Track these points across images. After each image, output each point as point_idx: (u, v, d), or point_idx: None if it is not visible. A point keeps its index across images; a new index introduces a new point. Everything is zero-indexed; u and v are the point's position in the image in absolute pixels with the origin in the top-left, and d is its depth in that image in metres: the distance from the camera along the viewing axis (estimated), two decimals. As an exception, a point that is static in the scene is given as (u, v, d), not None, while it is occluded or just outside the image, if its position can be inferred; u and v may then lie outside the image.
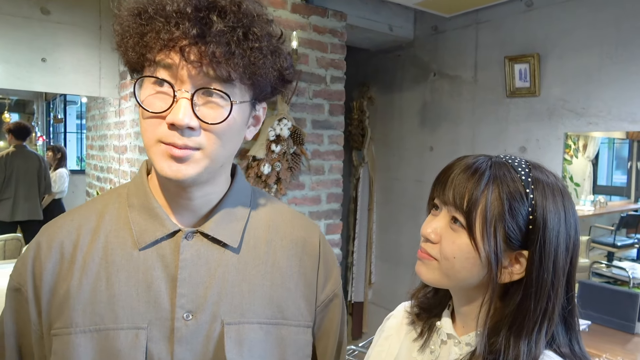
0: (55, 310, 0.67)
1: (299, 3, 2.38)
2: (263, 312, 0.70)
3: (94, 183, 4.00)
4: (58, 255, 0.69)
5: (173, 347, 0.65)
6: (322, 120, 2.52)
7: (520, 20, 2.49)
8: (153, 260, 0.68)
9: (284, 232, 0.77)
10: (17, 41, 2.82)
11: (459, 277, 0.68)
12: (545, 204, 0.65)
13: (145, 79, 0.63)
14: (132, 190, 0.72)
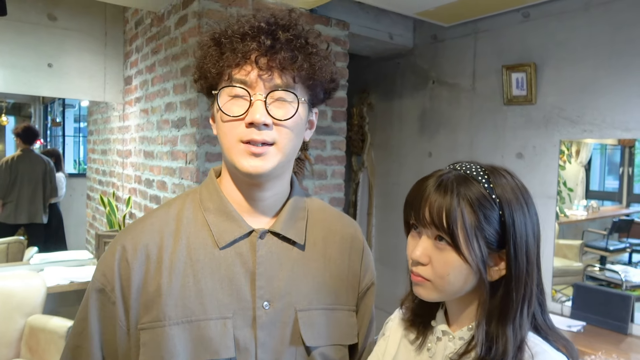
0: (143, 306, 0.74)
1: (303, 12, 2.44)
2: (325, 300, 0.82)
3: (95, 187, 4.03)
4: (144, 257, 0.76)
5: (256, 332, 0.75)
6: (325, 126, 2.58)
7: (518, 30, 2.57)
8: (233, 258, 0.78)
9: (335, 229, 0.88)
10: (24, 46, 2.86)
11: (455, 290, 0.73)
12: (510, 203, 0.71)
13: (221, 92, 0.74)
14: (206, 195, 0.82)
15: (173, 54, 2.39)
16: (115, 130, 3.39)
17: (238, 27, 0.74)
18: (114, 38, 3.16)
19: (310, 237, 0.84)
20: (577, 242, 5.29)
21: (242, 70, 0.73)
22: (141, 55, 2.86)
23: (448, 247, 0.71)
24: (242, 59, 0.72)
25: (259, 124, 0.71)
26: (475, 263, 0.70)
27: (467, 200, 0.70)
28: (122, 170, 3.23)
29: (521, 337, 0.70)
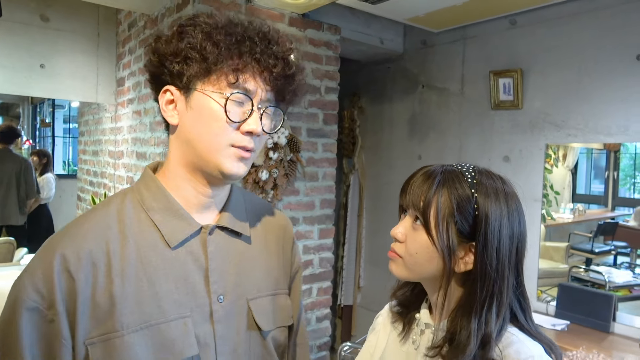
0: (93, 319, 0.70)
1: (296, 17, 2.48)
2: (269, 286, 0.87)
3: (86, 187, 4.02)
4: (89, 265, 0.71)
5: (214, 326, 0.77)
6: (316, 129, 2.62)
7: (505, 37, 2.64)
8: (185, 256, 0.78)
9: (271, 221, 0.94)
10: (16, 47, 2.87)
11: (422, 270, 0.79)
12: (487, 202, 0.76)
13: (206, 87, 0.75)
14: (147, 195, 0.79)
15: (167, 56, 2.41)
16: (107, 132, 3.40)
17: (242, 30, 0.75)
18: (107, 39, 3.17)
19: (252, 229, 0.88)
20: (564, 245, 5.40)
21: (248, 77, 0.74)
22: (134, 57, 2.88)
23: (421, 228, 0.77)
24: (249, 66, 0.74)
25: (258, 134, 0.75)
26: (442, 247, 0.75)
27: (446, 189, 0.77)
28: (113, 171, 3.24)
29: (486, 333, 0.74)
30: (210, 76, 0.74)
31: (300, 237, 2.58)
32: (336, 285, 3.55)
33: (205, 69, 0.73)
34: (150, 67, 0.79)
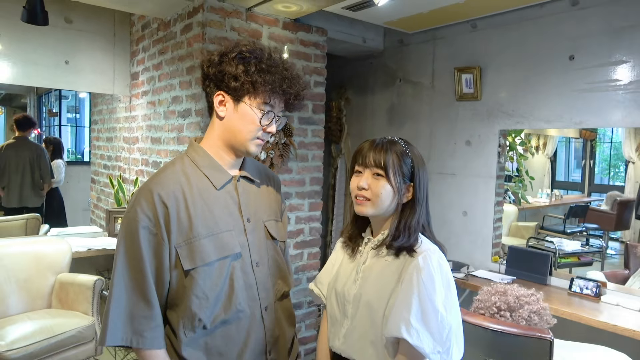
0: (179, 231, 1.16)
1: (288, 22, 2.92)
2: (272, 215, 1.35)
3: (100, 171, 4.45)
4: (173, 199, 1.17)
5: (247, 236, 1.24)
6: (306, 117, 3.06)
7: (467, 38, 3.09)
8: (225, 194, 1.24)
9: (269, 174, 1.41)
10: (45, 46, 3.28)
11: (384, 206, 1.23)
12: (416, 158, 1.24)
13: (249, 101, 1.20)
14: (197, 157, 1.24)
15: (179, 55, 2.85)
16: (122, 120, 3.82)
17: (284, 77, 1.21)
18: (122, 38, 3.59)
19: (259, 179, 1.34)
20: (533, 224, 5.92)
21: (276, 101, 1.23)
22: (148, 54, 3.30)
23: (382, 178, 1.21)
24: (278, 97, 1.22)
25: (274, 134, 1.26)
26: (397, 187, 1.21)
27: (395, 153, 1.21)
28: (128, 155, 3.68)
29: (416, 234, 1.21)
30: (256, 97, 1.19)
31: (293, 209, 3.03)
32: (325, 257, 4.02)
33: (254, 93, 1.19)
34: (209, 75, 1.22)
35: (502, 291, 1.80)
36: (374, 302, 1.21)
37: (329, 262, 1.41)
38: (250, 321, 1.24)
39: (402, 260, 1.20)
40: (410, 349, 1.13)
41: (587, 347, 1.90)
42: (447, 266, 1.21)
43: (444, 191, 3.26)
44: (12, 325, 2.42)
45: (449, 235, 3.22)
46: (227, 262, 1.20)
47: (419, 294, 1.14)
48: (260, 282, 1.26)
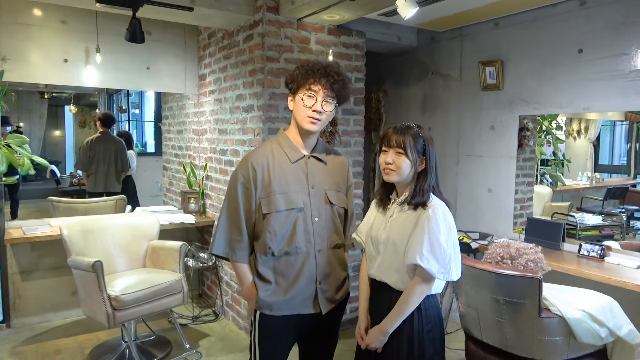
0: (262, 187, 1.74)
1: (332, 28, 3.43)
2: (335, 186, 1.85)
3: (171, 159, 5.15)
4: (260, 166, 1.74)
5: (310, 198, 1.78)
6: (349, 108, 3.58)
7: (490, 35, 3.49)
8: (297, 167, 1.79)
9: (337, 157, 1.92)
10: (131, 55, 3.95)
11: (405, 175, 1.73)
12: (427, 138, 1.72)
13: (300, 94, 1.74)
14: (281, 140, 1.82)
15: (242, 60, 3.43)
16: (191, 115, 4.48)
17: (320, 67, 1.72)
18: (191, 46, 4.23)
19: (327, 158, 1.87)
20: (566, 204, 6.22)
21: (317, 86, 1.72)
22: (214, 59, 3.91)
23: (403, 155, 1.70)
24: (317, 83, 1.71)
25: (320, 112, 1.74)
26: (413, 161, 1.71)
27: (411, 135, 1.71)
28: (198, 144, 4.33)
29: (428, 194, 1.71)
30: (302, 89, 1.74)
31: (338, 188, 3.57)
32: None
33: (301, 87, 1.74)
34: (287, 84, 1.80)
35: (506, 245, 2.27)
36: (398, 241, 1.73)
37: (365, 218, 1.94)
38: (305, 257, 1.79)
39: (418, 212, 1.71)
40: (423, 271, 1.64)
41: (578, 289, 2.32)
42: (449, 215, 1.71)
43: (472, 171, 3.69)
44: (120, 278, 3.10)
45: (476, 210, 3.66)
46: (292, 213, 1.76)
47: (429, 234, 1.65)
48: (316, 232, 1.81)
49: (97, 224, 3.32)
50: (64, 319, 3.84)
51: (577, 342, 2.11)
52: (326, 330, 1.93)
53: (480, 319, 2.30)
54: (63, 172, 11.01)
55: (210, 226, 4.09)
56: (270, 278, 1.78)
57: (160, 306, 3.10)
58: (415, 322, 1.71)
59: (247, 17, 3.26)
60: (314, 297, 1.82)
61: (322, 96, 1.72)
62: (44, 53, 3.65)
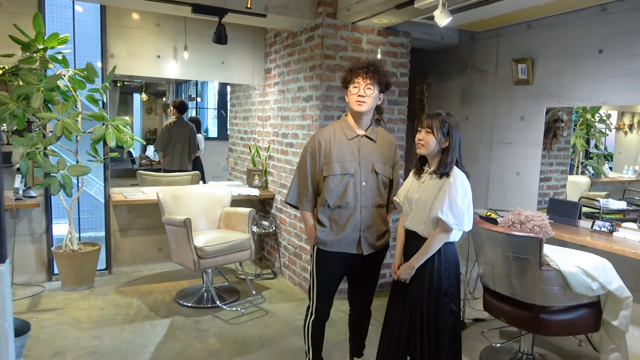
0: (325, 156, 2.39)
1: (381, 29, 3.97)
2: (381, 160, 2.45)
3: (237, 142, 5.89)
4: (324, 141, 2.40)
5: (360, 167, 2.40)
6: (393, 99, 4.12)
7: (523, 36, 3.92)
8: (352, 143, 2.42)
9: (386, 136, 2.52)
10: (209, 52, 4.67)
11: (431, 149, 2.29)
12: (452, 123, 2.27)
13: (350, 87, 2.37)
14: (342, 122, 2.45)
15: (304, 57, 4.05)
16: (256, 103, 5.17)
17: (359, 65, 2.34)
18: (259, 43, 4.90)
19: (377, 138, 2.45)
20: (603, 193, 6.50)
21: (359, 79, 2.31)
22: (279, 55, 4.56)
23: (430, 134, 2.27)
24: (359, 76, 2.32)
25: (362, 95, 2.33)
26: (438, 139, 2.27)
27: (438, 119, 2.28)
28: (262, 129, 5.02)
29: (451, 166, 2.27)
30: (350, 82, 2.36)
31: (382, 168, 4.14)
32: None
33: (348, 81, 2.37)
34: (342, 83, 2.43)
35: (517, 212, 2.78)
36: (426, 201, 2.30)
37: (404, 184, 2.51)
38: (352, 210, 2.40)
39: (443, 180, 2.27)
40: (442, 223, 2.21)
41: (578, 252, 2.79)
42: (467, 183, 2.26)
43: (503, 156, 4.15)
44: (202, 235, 3.83)
45: (504, 191, 4.12)
46: (345, 177, 2.38)
47: (449, 196, 2.21)
48: (362, 193, 2.41)
49: (183, 192, 4.08)
50: (151, 270, 4.67)
51: (572, 292, 2.60)
52: (368, 268, 2.54)
53: (494, 273, 2.83)
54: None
55: (271, 199, 4.78)
56: (326, 223, 2.41)
57: (233, 259, 3.82)
58: (435, 261, 2.28)
59: (309, 21, 3.87)
60: (357, 241, 2.43)
61: (364, 85, 2.32)
62: (141, 50, 4.44)
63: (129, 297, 3.97)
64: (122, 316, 3.59)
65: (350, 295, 2.66)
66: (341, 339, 3.21)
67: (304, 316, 2.61)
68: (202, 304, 3.84)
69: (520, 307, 2.72)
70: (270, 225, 4.64)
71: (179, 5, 3.44)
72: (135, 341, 3.18)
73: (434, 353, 2.29)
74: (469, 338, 3.37)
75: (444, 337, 2.28)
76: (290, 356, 3.05)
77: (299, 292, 4.22)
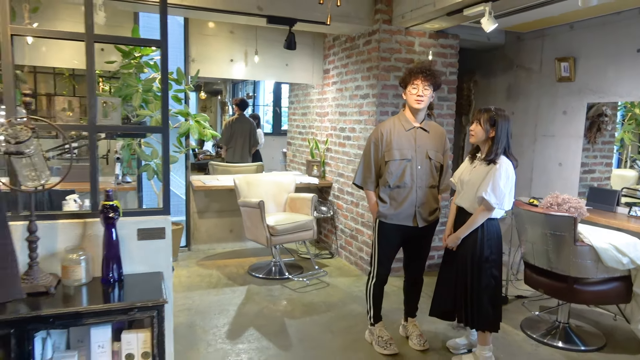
0: (386, 144, 2.87)
1: (432, 33, 4.39)
2: (433, 148, 2.92)
3: (295, 136, 6.45)
4: (386, 131, 2.88)
5: (416, 154, 2.88)
6: (443, 96, 4.53)
7: (566, 36, 4.22)
8: (409, 134, 2.89)
9: (437, 128, 2.99)
10: (275, 56, 5.24)
11: (481, 138, 2.72)
12: (498, 116, 2.68)
13: (409, 87, 2.84)
14: (400, 116, 2.93)
15: (361, 59, 4.53)
16: (315, 101, 5.69)
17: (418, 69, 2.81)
18: (318, 46, 5.42)
19: (429, 129, 2.91)
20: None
21: (417, 80, 2.78)
22: (337, 57, 5.06)
23: (479, 125, 2.72)
24: (417, 78, 2.78)
25: (420, 95, 2.81)
26: (485, 130, 2.70)
27: (486, 113, 2.72)
28: (320, 124, 5.54)
29: (497, 155, 2.68)
30: (409, 84, 2.84)
31: (432, 159, 4.55)
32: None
33: (409, 84, 2.84)
34: (400, 84, 2.91)
35: (555, 196, 3.15)
36: (475, 183, 2.74)
37: (459, 168, 2.95)
38: (409, 190, 2.87)
39: (490, 166, 2.70)
40: (486, 202, 2.64)
41: (611, 231, 3.12)
42: (511, 169, 2.68)
43: (546, 148, 4.47)
44: (272, 216, 4.40)
45: (548, 181, 4.45)
46: (403, 162, 2.85)
47: (493, 179, 2.64)
48: (418, 175, 2.88)
49: (255, 179, 4.67)
50: (223, 248, 5.30)
51: (603, 265, 2.95)
52: (421, 239, 3.00)
53: (534, 250, 3.22)
54: (193, 148, 13.01)
55: (329, 187, 5.30)
56: (386, 200, 2.89)
57: (298, 237, 4.36)
58: (479, 233, 2.72)
59: (367, 27, 4.34)
60: (413, 215, 2.90)
61: (422, 86, 2.79)
62: (217, 55, 5.06)
63: (209, 269, 4.61)
64: (206, 283, 4.22)
65: (406, 263, 3.13)
66: (395, 308, 3.68)
67: (366, 281, 3.10)
68: (271, 276, 4.42)
69: (557, 279, 3.10)
70: (328, 211, 5.16)
71: (257, 17, 4.00)
72: (220, 302, 3.79)
73: (476, 310, 2.73)
74: (510, 311, 3.76)
75: (485, 297, 2.72)
76: (352, 318, 3.56)
77: (355, 270, 4.72)
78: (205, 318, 3.49)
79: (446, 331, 3.36)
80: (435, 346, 3.14)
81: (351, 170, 4.79)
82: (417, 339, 3.10)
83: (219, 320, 3.47)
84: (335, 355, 3.01)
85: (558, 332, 3.28)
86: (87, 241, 1.84)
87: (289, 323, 3.46)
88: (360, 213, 4.67)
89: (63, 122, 1.91)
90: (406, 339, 3.21)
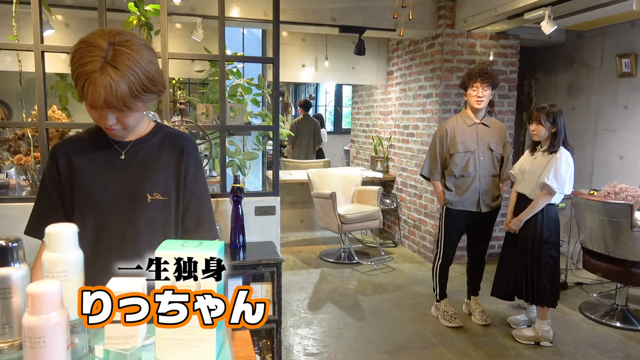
0: (450, 139, 3.24)
1: (493, 34, 4.66)
2: (494, 140, 3.27)
3: (359, 134, 6.87)
4: (450, 128, 3.26)
5: (478, 146, 3.23)
6: (503, 94, 4.78)
7: (627, 33, 4.35)
8: (471, 129, 3.25)
9: (497, 123, 3.33)
10: (342, 60, 5.68)
11: (542, 135, 3.01)
12: (556, 113, 2.98)
13: (469, 89, 3.19)
14: (462, 114, 3.30)
15: (425, 61, 4.87)
16: (378, 100, 6.09)
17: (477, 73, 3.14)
18: (382, 50, 5.81)
19: (490, 124, 3.23)
20: None
21: (477, 83, 3.11)
22: (401, 60, 5.43)
23: (540, 124, 3.01)
24: (477, 81, 3.11)
25: (479, 96, 3.14)
26: (546, 128, 3.00)
27: (543, 112, 3.02)
28: (384, 122, 5.93)
29: (559, 145, 2.98)
30: (469, 86, 3.17)
31: (492, 153, 4.82)
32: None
33: (469, 87, 3.18)
34: (461, 86, 3.27)
35: (613, 185, 3.37)
36: (535, 171, 3.04)
37: (519, 160, 3.26)
38: (473, 179, 3.21)
39: (551, 156, 2.99)
40: (548, 187, 2.94)
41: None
42: (570, 158, 2.96)
43: (607, 142, 4.61)
44: (342, 206, 4.84)
45: (609, 174, 4.59)
46: (467, 154, 3.19)
47: (554, 168, 2.94)
48: (481, 165, 3.21)
49: (326, 173, 5.14)
50: (295, 237, 5.82)
51: (661, 250, 3.15)
52: (484, 223, 3.33)
53: (592, 236, 3.45)
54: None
55: (392, 181, 5.68)
56: (452, 188, 3.25)
57: (366, 225, 4.78)
58: (539, 217, 3.02)
59: (430, 31, 4.68)
60: (477, 202, 3.23)
61: (481, 88, 3.12)
62: (291, 61, 5.57)
63: (285, 254, 5.13)
64: (283, 266, 4.73)
65: (469, 246, 3.47)
66: (457, 290, 4.01)
67: (432, 262, 3.47)
68: (341, 261, 4.87)
69: (614, 263, 3.32)
70: (391, 203, 5.54)
71: (330, 27, 4.46)
72: (298, 281, 4.28)
73: (535, 287, 3.03)
74: (570, 295, 3.98)
75: (544, 275, 3.01)
76: (417, 297, 3.94)
77: (418, 257, 5.08)
78: (287, 293, 3.99)
79: (507, 310, 3.66)
80: (497, 322, 3.46)
81: (414, 165, 5.15)
82: (479, 315, 3.44)
83: (299, 295, 3.96)
84: (405, 325, 3.41)
85: (616, 314, 3.49)
86: (218, 215, 2.36)
87: (361, 299, 3.89)
88: (423, 204, 5.02)
89: (202, 123, 2.44)
90: (469, 315, 3.55)
